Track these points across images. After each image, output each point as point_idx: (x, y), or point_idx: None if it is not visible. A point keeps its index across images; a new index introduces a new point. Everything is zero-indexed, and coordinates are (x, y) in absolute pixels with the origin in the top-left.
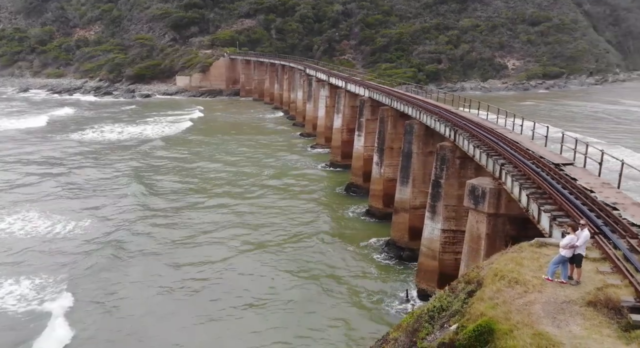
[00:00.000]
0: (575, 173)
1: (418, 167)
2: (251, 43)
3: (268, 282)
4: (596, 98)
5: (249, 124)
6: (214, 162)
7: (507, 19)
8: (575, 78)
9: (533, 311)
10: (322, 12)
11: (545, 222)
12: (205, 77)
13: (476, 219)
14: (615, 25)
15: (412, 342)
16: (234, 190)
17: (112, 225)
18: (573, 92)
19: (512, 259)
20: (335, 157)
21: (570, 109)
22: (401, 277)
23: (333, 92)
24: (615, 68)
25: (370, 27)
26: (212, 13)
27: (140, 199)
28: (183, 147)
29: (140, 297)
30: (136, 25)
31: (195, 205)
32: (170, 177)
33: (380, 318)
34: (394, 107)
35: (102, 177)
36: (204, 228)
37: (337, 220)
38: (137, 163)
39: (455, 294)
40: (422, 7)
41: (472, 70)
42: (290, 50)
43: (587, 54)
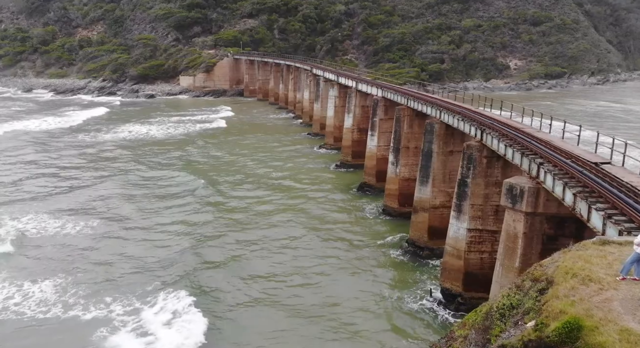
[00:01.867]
0: (615, 171)
1: (438, 167)
2: (254, 43)
3: (292, 278)
4: (601, 97)
5: (253, 124)
6: (221, 162)
7: (509, 19)
8: (577, 78)
9: (612, 308)
10: (324, 12)
11: (597, 220)
12: (209, 77)
13: (513, 218)
14: (615, 26)
15: (486, 339)
16: (245, 192)
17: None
18: (576, 91)
19: (579, 257)
20: (346, 157)
21: (578, 108)
22: (422, 277)
23: (342, 92)
24: (616, 68)
25: (372, 27)
26: (215, 13)
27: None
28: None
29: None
30: (139, 25)
31: (203, 207)
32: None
33: (405, 316)
34: (411, 106)
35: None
36: (218, 231)
37: (353, 220)
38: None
39: (524, 292)
40: (425, 7)
41: (474, 70)
42: (293, 50)
43: (588, 53)
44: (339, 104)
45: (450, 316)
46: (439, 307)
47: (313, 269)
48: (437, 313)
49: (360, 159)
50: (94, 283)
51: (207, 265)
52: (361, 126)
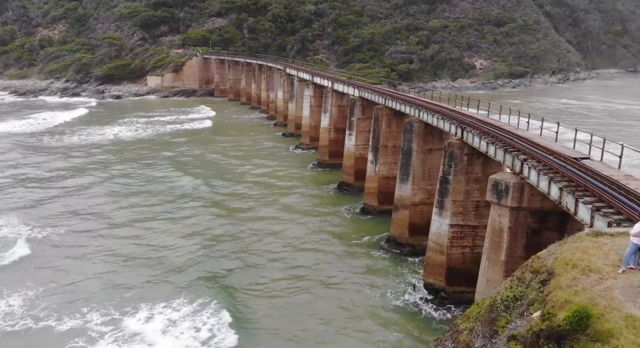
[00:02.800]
0: (595, 166)
1: (418, 165)
2: (224, 42)
3: (269, 282)
4: (562, 95)
5: (226, 124)
6: (192, 167)
7: (474, 19)
8: (539, 77)
9: (614, 296)
10: (294, 12)
11: (584, 213)
12: (177, 77)
13: (498, 213)
14: (574, 26)
15: (493, 331)
16: (220, 195)
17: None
18: (538, 90)
19: (576, 249)
20: (323, 156)
21: (542, 106)
22: (404, 272)
23: (318, 92)
24: (576, 67)
25: (342, 27)
26: (183, 12)
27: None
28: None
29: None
30: (103, 24)
31: (179, 211)
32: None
33: (389, 312)
34: (389, 106)
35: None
36: (194, 233)
37: (333, 219)
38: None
39: (526, 284)
40: (393, 8)
41: (442, 70)
42: (264, 49)
43: (549, 53)
44: (314, 104)
45: (434, 310)
46: (422, 302)
47: (295, 269)
48: (421, 308)
49: (338, 159)
50: (70, 293)
51: (191, 275)
52: (338, 126)
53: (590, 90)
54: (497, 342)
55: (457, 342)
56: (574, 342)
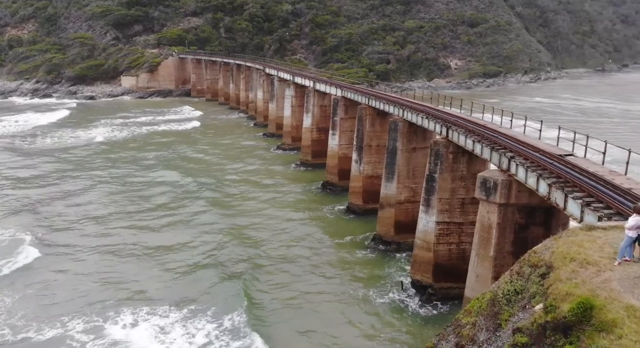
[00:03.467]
0: (580, 163)
1: (403, 163)
2: (200, 42)
3: (258, 284)
4: (535, 94)
5: (206, 125)
6: (173, 169)
7: (449, 20)
8: (512, 76)
9: (613, 287)
10: (271, 12)
11: (574, 208)
12: (153, 77)
13: (487, 210)
14: (544, 27)
15: (497, 324)
16: (203, 196)
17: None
18: (512, 89)
19: (572, 243)
20: (306, 156)
21: (516, 104)
22: (391, 270)
23: (299, 92)
24: (546, 67)
25: (320, 27)
26: (157, 11)
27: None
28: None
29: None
30: (74, 24)
31: (160, 212)
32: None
33: (378, 309)
34: (372, 105)
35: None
36: (180, 234)
37: (318, 219)
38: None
39: (525, 278)
40: (369, 9)
41: (418, 70)
42: (241, 49)
43: (521, 53)
44: (296, 104)
45: (421, 307)
46: (410, 299)
47: (283, 270)
48: (408, 305)
49: (321, 158)
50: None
51: (175, 277)
52: (320, 125)
53: (561, 89)
54: (501, 335)
55: (460, 336)
56: (580, 332)
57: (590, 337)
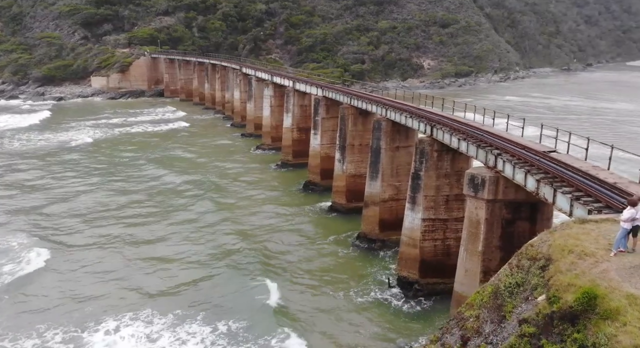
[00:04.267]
0: (564, 159)
1: (386, 162)
2: (172, 41)
3: (244, 287)
4: (505, 93)
5: (190, 125)
6: (158, 169)
7: (421, 21)
8: (483, 76)
9: (612, 277)
10: (245, 11)
11: (563, 202)
12: (124, 77)
13: (475, 206)
14: (512, 27)
15: (501, 316)
16: (186, 197)
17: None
18: (483, 88)
19: (568, 235)
20: (287, 156)
21: (489, 103)
22: (377, 268)
23: (278, 92)
24: (515, 66)
25: (294, 27)
26: (127, 10)
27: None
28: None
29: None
30: (41, 23)
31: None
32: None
33: (365, 305)
34: (355, 105)
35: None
36: (159, 239)
37: (302, 218)
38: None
39: (525, 270)
40: (343, 9)
41: (392, 70)
42: (215, 48)
43: (491, 53)
44: (275, 104)
45: (408, 302)
46: (397, 295)
47: (270, 270)
48: (395, 300)
49: (302, 158)
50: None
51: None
52: (301, 125)
53: (529, 88)
54: (507, 326)
55: (465, 329)
56: (586, 321)
57: (597, 325)
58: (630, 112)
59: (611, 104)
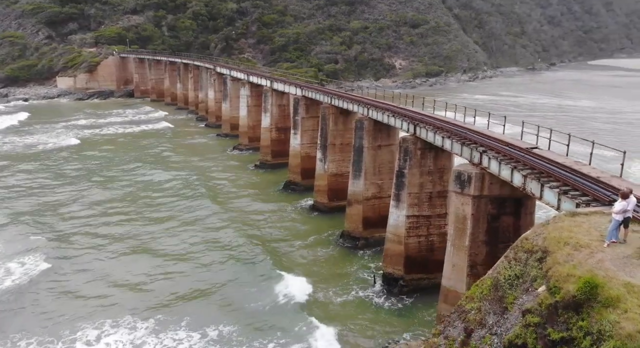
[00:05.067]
0: (547, 155)
1: (369, 161)
2: (142, 41)
3: (228, 284)
4: (475, 91)
5: (154, 128)
6: (135, 171)
7: (392, 21)
8: (452, 76)
9: (607, 267)
10: (216, 10)
11: (551, 196)
12: (92, 77)
13: (462, 202)
14: (480, 28)
15: (503, 308)
16: (165, 200)
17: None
18: (453, 88)
19: (562, 228)
20: (266, 156)
21: (460, 101)
22: (361, 265)
23: (255, 91)
24: (483, 66)
25: (267, 26)
26: (93, 8)
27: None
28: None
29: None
30: (2, 22)
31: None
32: (95, 190)
33: (351, 302)
34: (335, 104)
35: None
36: (138, 242)
37: (284, 218)
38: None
39: (523, 263)
40: (315, 8)
41: (365, 70)
42: (186, 48)
43: (460, 53)
44: (252, 104)
45: (390, 299)
46: (383, 291)
47: (252, 271)
48: (381, 296)
49: (281, 158)
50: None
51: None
52: (279, 125)
53: (497, 87)
54: (509, 317)
55: (467, 321)
56: (589, 309)
57: (599, 312)
58: (592, 109)
59: (575, 102)
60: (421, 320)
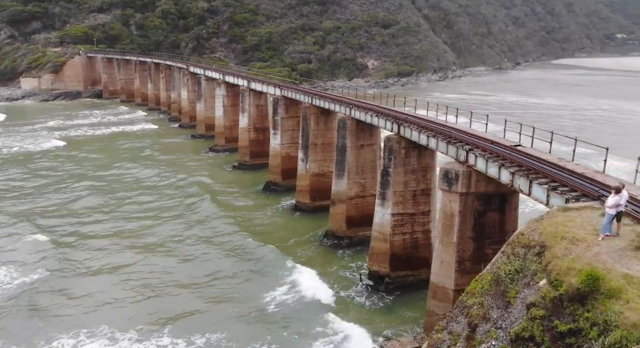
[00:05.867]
0: (531, 152)
1: (352, 160)
2: (109, 40)
3: (213, 288)
4: (446, 91)
5: (130, 129)
6: (102, 176)
7: (363, 21)
8: (423, 75)
9: (605, 260)
10: (186, 9)
11: (539, 192)
12: (58, 77)
13: (449, 199)
14: (448, 28)
15: (506, 302)
16: (144, 205)
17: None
18: (425, 87)
19: (557, 223)
20: (244, 157)
21: (433, 100)
22: (346, 263)
23: (231, 91)
24: (452, 66)
25: (238, 25)
26: (58, 7)
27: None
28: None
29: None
30: None
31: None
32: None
33: (340, 300)
34: (317, 104)
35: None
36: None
37: (266, 219)
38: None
39: (522, 257)
40: (287, 8)
41: (339, 70)
42: (156, 47)
43: (430, 53)
44: (228, 104)
45: (374, 296)
46: (369, 288)
47: (238, 276)
48: (368, 294)
49: (260, 159)
50: None
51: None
52: (257, 125)
53: (466, 86)
54: (513, 311)
55: (470, 316)
56: (593, 300)
57: (603, 303)
58: (557, 107)
59: (540, 100)
60: (408, 316)
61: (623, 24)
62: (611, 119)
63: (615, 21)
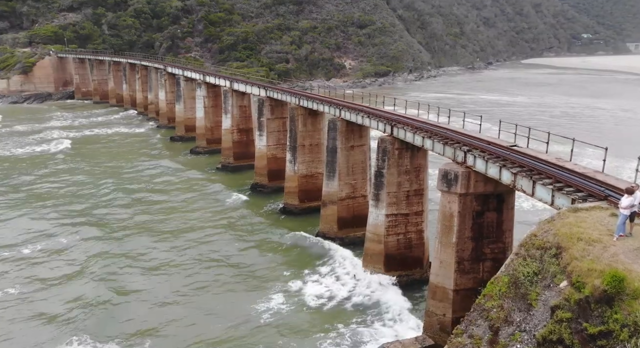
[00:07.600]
0: (529, 152)
1: (342, 161)
2: (80, 40)
3: (203, 292)
4: (422, 90)
5: (107, 132)
6: (79, 181)
7: (340, 21)
8: (399, 75)
9: (623, 260)
10: (159, 8)
11: (544, 193)
12: (27, 79)
13: (448, 200)
14: (423, 29)
15: (527, 304)
16: (122, 209)
17: None
18: (401, 87)
19: (570, 224)
20: (227, 159)
21: (414, 99)
22: (339, 265)
23: (212, 92)
24: (427, 65)
25: (214, 25)
26: (26, 6)
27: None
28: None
29: None
30: None
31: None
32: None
33: (336, 303)
34: (304, 105)
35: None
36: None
37: (255, 221)
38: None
39: (538, 259)
40: (263, 7)
41: (317, 70)
42: (129, 47)
43: (405, 54)
44: (209, 105)
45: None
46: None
47: (231, 280)
48: (364, 295)
49: (244, 160)
50: None
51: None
52: (241, 126)
53: (441, 85)
54: (535, 313)
55: (491, 319)
56: (620, 302)
57: (630, 304)
58: (528, 105)
59: (512, 98)
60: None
61: (588, 24)
62: (581, 116)
63: (580, 21)
